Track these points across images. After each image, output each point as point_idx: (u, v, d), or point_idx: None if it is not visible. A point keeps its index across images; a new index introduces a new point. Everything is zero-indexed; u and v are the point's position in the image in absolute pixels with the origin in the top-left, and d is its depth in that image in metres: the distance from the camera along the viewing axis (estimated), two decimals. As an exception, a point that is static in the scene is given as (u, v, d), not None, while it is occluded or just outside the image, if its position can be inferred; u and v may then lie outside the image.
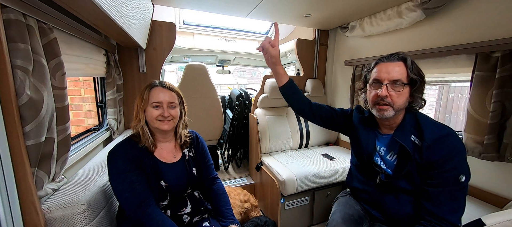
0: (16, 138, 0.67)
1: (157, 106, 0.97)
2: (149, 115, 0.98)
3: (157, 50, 1.98)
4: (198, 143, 1.18)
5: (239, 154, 2.79)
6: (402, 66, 0.92)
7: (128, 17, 1.23)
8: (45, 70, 0.77)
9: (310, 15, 1.99)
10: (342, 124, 1.20)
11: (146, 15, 1.66)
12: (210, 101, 2.28)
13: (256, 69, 7.03)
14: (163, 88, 1.01)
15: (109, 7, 0.95)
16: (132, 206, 0.87)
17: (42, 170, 0.79)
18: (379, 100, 0.94)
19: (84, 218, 0.82)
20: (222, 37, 3.07)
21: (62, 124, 0.88)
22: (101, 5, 0.86)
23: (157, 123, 0.98)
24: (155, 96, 0.98)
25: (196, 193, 1.13)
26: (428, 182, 0.88)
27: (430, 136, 0.88)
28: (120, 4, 1.07)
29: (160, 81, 1.03)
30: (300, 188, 1.72)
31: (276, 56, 1.08)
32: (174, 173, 1.03)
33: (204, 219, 1.09)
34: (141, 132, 0.98)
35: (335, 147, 2.41)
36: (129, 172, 0.90)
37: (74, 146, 1.18)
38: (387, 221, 1.04)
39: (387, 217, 1.03)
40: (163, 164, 1.02)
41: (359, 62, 2.04)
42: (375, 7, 1.74)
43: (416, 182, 0.91)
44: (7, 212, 0.66)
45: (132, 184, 0.89)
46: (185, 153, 1.11)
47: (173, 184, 1.01)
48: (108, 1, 0.92)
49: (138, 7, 1.39)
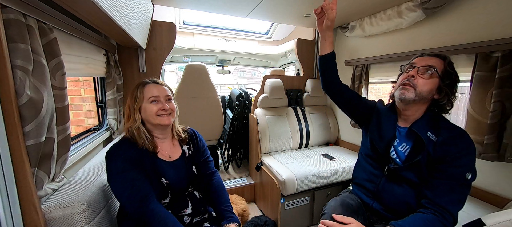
0: (16, 138, 0.67)
1: (155, 100, 0.96)
2: (147, 112, 0.96)
3: (157, 50, 1.98)
4: (196, 139, 1.17)
5: (239, 154, 2.79)
6: (440, 60, 0.94)
7: (128, 17, 1.23)
8: (45, 70, 0.77)
9: (310, 15, 1.99)
10: (363, 111, 1.20)
11: (146, 15, 1.66)
12: (210, 101, 2.28)
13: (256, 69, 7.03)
14: (156, 84, 1.00)
15: (109, 6, 0.95)
16: (135, 203, 0.86)
17: (42, 170, 0.79)
18: (405, 81, 0.96)
19: (84, 218, 0.82)
20: (222, 37, 3.06)
21: (62, 124, 0.87)
22: (101, 4, 0.86)
23: (158, 118, 0.96)
24: (151, 91, 0.97)
25: (197, 193, 1.12)
26: (435, 174, 0.90)
27: (446, 133, 0.90)
28: (120, 3, 1.07)
29: (152, 78, 1.03)
30: (300, 188, 1.72)
31: (333, 20, 1.08)
32: (174, 170, 1.02)
33: (204, 220, 1.08)
34: (137, 133, 0.95)
35: (335, 147, 2.41)
36: (129, 171, 0.89)
37: (74, 146, 1.18)
38: (386, 212, 1.04)
39: (387, 208, 1.03)
40: (163, 161, 1.01)
41: (359, 62, 2.04)
42: (375, 7, 1.74)
43: (423, 175, 0.92)
44: (7, 212, 0.66)
45: (133, 181, 0.88)
46: (184, 150, 1.10)
47: (174, 182, 1.00)
48: (108, 0, 0.92)
49: (138, 7, 1.39)
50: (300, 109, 2.44)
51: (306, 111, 2.45)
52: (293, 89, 2.52)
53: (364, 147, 1.22)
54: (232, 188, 2.23)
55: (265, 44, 3.37)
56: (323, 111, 2.52)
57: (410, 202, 0.96)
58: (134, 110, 0.96)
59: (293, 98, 2.49)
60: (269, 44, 3.38)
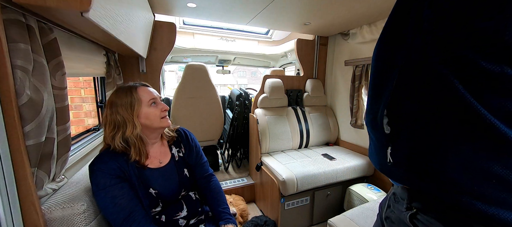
0: (16, 138, 0.67)
1: (154, 102, 0.93)
2: (151, 116, 0.91)
3: (157, 50, 1.98)
4: (187, 139, 1.11)
5: (239, 154, 2.79)
6: None
7: (130, 33, 1.23)
8: (45, 70, 0.77)
9: (310, 23, 2.00)
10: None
11: (148, 26, 1.67)
12: (210, 101, 2.28)
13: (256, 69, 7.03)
14: (146, 87, 0.96)
15: (112, 28, 0.93)
16: (117, 221, 0.82)
17: (42, 170, 0.79)
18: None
19: (84, 218, 0.82)
20: (222, 37, 3.07)
21: (62, 124, 0.87)
22: (105, 27, 0.86)
23: (162, 121, 0.93)
24: (147, 94, 0.92)
25: (192, 194, 1.07)
26: None
27: None
28: (123, 23, 1.05)
29: (137, 82, 0.98)
30: (300, 188, 1.72)
31: None
32: (163, 178, 0.97)
33: (200, 221, 1.05)
34: (134, 143, 0.89)
35: (335, 147, 2.41)
36: (110, 187, 0.83)
37: (74, 146, 1.18)
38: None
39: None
40: (149, 170, 0.95)
41: (359, 62, 2.04)
42: (375, 16, 1.75)
43: None
44: (7, 212, 0.66)
45: (114, 199, 0.82)
46: (174, 153, 1.05)
47: (163, 190, 0.95)
48: (110, 21, 0.90)
49: (141, 21, 1.40)
50: (300, 110, 2.44)
51: (306, 112, 2.45)
52: (293, 89, 2.52)
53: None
54: (232, 188, 2.23)
55: (265, 44, 3.38)
56: (323, 112, 2.52)
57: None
58: (133, 117, 0.89)
59: (293, 98, 2.49)
60: (269, 44, 3.38)
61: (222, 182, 2.34)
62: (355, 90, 2.08)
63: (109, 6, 0.86)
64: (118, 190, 0.84)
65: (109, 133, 0.89)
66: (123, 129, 0.88)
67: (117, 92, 0.92)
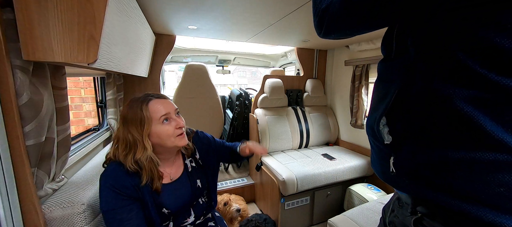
0: (16, 138, 0.67)
1: (167, 119, 0.83)
2: (162, 135, 0.82)
3: (157, 50, 1.98)
4: (201, 142, 1.04)
5: (239, 154, 2.79)
6: None
7: (135, 63, 1.24)
8: (45, 70, 0.77)
9: (309, 40, 2.02)
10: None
11: (150, 49, 1.70)
12: (210, 101, 2.28)
13: (256, 69, 7.02)
14: (159, 99, 0.85)
15: (116, 67, 0.93)
16: None
17: (42, 170, 0.79)
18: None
19: (84, 218, 0.82)
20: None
21: (62, 124, 0.87)
22: (109, 69, 0.88)
23: (176, 140, 0.83)
24: (158, 110, 0.82)
25: (200, 200, 1.03)
26: None
27: None
28: (128, 56, 1.06)
29: (150, 93, 0.88)
30: (300, 188, 1.72)
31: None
32: (175, 195, 0.91)
33: (208, 220, 1.05)
34: (146, 165, 0.81)
35: (335, 147, 2.41)
36: (118, 209, 0.78)
37: (74, 146, 1.18)
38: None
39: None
40: (163, 186, 0.89)
41: (359, 62, 2.04)
42: (373, 35, 1.76)
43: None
44: (7, 212, 0.66)
45: (121, 223, 0.77)
46: (187, 164, 0.98)
47: (175, 207, 0.90)
48: (114, 62, 0.89)
49: (144, 48, 1.43)
50: (300, 110, 2.44)
51: (306, 112, 2.45)
52: (293, 89, 2.52)
53: None
54: (232, 188, 2.24)
55: (265, 44, 3.37)
56: (323, 112, 2.52)
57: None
58: (142, 137, 0.80)
59: (293, 98, 2.49)
60: (269, 44, 3.38)
61: (222, 182, 2.34)
62: (355, 90, 2.08)
63: (114, 49, 0.84)
64: (126, 213, 0.79)
65: (121, 151, 0.82)
66: (134, 149, 0.81)
67: (130, 106, 0.84)
